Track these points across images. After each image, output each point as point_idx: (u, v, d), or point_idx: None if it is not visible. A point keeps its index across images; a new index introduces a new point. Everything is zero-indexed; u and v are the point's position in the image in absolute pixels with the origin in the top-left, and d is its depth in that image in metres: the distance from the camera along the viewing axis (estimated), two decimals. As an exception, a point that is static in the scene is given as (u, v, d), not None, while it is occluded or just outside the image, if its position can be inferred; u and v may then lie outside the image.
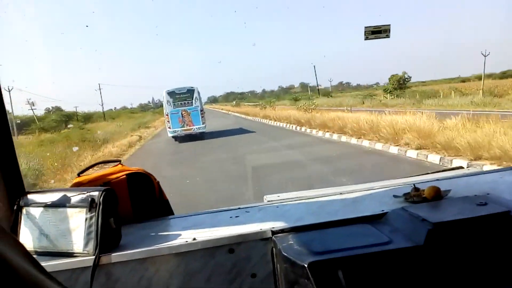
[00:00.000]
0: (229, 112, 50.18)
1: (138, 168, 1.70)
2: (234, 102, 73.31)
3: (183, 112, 21.77)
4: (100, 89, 49.42)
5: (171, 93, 22.20)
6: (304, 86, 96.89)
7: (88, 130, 29.74)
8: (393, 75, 44.09)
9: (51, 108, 44.29)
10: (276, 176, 9.26)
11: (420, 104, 27.84)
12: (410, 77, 44.45)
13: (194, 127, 21.79)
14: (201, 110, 22.12)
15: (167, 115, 21.91)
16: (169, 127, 21.88)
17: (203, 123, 22.00)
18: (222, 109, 63.34)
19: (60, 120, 39.54)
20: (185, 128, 21.76)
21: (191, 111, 21.83)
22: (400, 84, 42.38)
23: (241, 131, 22.71)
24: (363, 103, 37.26)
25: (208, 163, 12.97)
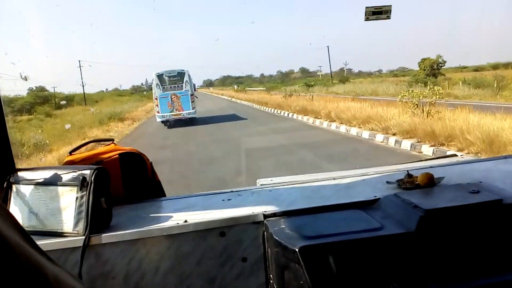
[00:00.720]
0: (234, 99, 43.08)
1: (131, 148, 1.68)
2: (236, 86, 68.46)
3: (172, 96, 21.15)
4: (80, 66, 42.62)
5: (160, 76, 21.56)
6: (304, 71, 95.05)
7: (56, 118, 25.61)
8: (424, 59, 38.31)
9: (34, 88, 39.25)
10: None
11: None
12: (445, 62, 38.61)
13: (183, 112, 21.18)
14: (192, 95, 21.52)
15: (156, 98, 21.30)
16: (158, 112, 21.27)
17: (193, 108, 21.34)
18: (222, 95, 57.70)
19: (34, 102, 35.25)
20: (174, 113, 21.14)
21: (181, 95, 21.22)
22: (433, 70, 36.57)
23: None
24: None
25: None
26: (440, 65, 37.80)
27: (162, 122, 21.26)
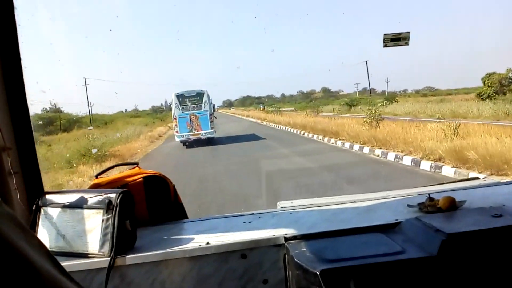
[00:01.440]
0: (267, 123, 33.32)
1: (155, 171, 1.72)
2: (262, 106, 62.48)
3: (191, 116, 21.04)
4: (85, 84, 39.56)
5: (180, 96, 21.44)
6: (326, 90, 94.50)
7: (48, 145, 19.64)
8: (490, 74, 34.43)
9: (48, 109, 35.98)
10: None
11: None
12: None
13: (202, 132, 21.03)
14: (211, 115, 21.35)
15: (175, 118, 21.22)
16: (177, 131, 21.15)
17: (211, 128, 21.18)
18: (247, 116, 51.27)
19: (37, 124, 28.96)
20: (193, 132, 20.99)
21: (200, 115, 21.08)
22: (502, 86, 32.81)
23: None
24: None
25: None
26: (511, 80, 33.94)
27: (181, 142, 21.12)
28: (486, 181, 2.08)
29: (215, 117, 23.25)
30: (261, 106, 61.49)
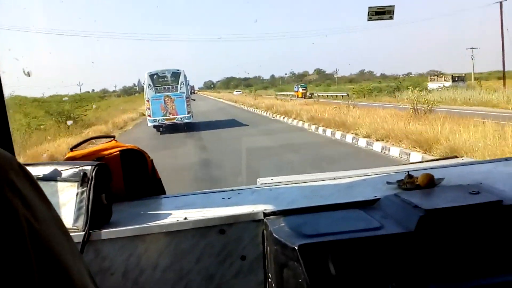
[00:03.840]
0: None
1: (133, 145, 1.68)
2: (300, 87, 44.85)
3: (166, 99, 19.08)
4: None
5: (153, 76, 19.33)
6: (320, 72, 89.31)
7: None
8: None
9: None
10: None
11: None
12: None
13: (178, 116, 19.06)
14: (187, 97, 19.43)
15: (147, 100, 19.13)
16: (149, 115, 19.08)
17: (188, 112, 19.23)
18: (235, 102, 40.22)
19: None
20: (167, 117, 19.03)
21: (176, 98, 19.11)
22: None
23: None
24: None
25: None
26: None
27: (154, 127, 19.40)
28: (464, 160, 2.10)
29: (193, 100, 21.79)
30: (299, 88, 44.84)
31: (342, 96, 36.31)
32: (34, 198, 0.54)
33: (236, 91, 67.58)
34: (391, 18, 2.21)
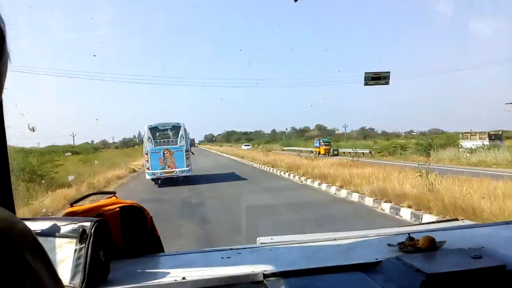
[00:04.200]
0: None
1: (132, 202, 1.68)
2: (322, 142, 41.74)
3: (165, 152, 18.81)
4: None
5: (153, 128, 19.09)
6: (321, 128, 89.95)
7: None
8: None
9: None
10: None
11: None
12: None
13: (177, 169, 18.78)
14: (187, 151, 19.19)
15: (146, 153, 18.84)
16: (148, 168, 18.80)
17: (187, 166, 18.95)
18: (242, 157, 37.49)
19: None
20: (166, 170, 18.72)
21: (175, 151, 18.88)
22: None
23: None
24: None
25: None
26: None
27: (152, 180, 19.01)
28: (465, 223, 2.09)
29: (193, 153, 21.43)
30: (320, 143, 41.29)
31: (363, 153, 36.02)
32: (45, 276, 0.54)
33: (245, 145, 66.15)
34: (386, 83, 2.28)
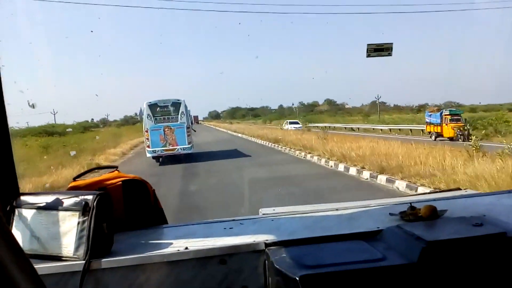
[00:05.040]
0: None
1: (135, 176, 1.69)
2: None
3: (165, 129, 18.36)
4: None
5: (152, 106, 18.64)
6: (331, 103, 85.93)
7: None
8: None
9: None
10: None
11: None
12: None
13: (178, 147, 18.37)
14: (188, 127, 18.68)
15: (146, 131, 18.39)
16: (148, 146, 18.32)
17: (189, 143, 18.54)
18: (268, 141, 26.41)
19: None
20: (167, 147, 18.30)
21: (176, 128, 18.40)
22: None
23: None
24: None
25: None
26: None
27: (153, 158, 18.69)
28: (468, 192, 2.09)
29: (194, 130, 21.08)
30: (442, 117, 25.74)
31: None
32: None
33: (291, 123, 44.80)
34: (389, 54, 2.25)
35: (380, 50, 2.26)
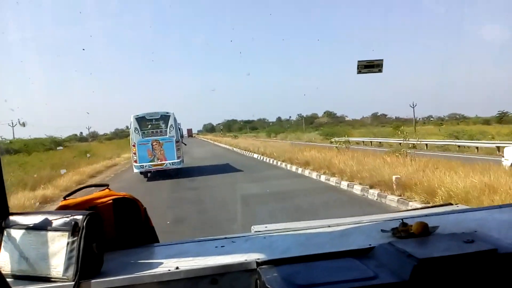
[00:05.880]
0: None
1: (126, 193, 1.68)
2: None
3: (154, 143, 17.76)
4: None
5: (140, 119, 17.97)
6: (331, 115, 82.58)
7: None
8: None
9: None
10: None
11: None
12: None
13: (167, 162, 17.74)
14: (177, 142, 18.02)
15: (133, 145, 17.73)
16: (135, 161, 17.70)
17: (178, 157, 17.92)
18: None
19: None
20: (155, 162, 17.71)
21: (164, 142, 17.80)
22: None
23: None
24: None
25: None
26: None
27: (141, 173, 18.12)
28: (459, 207, 2.10)
29: (184, 144, 20.30)
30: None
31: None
32: None
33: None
34: (380, 71, 2.27)
35: (370, 66, 2.28)
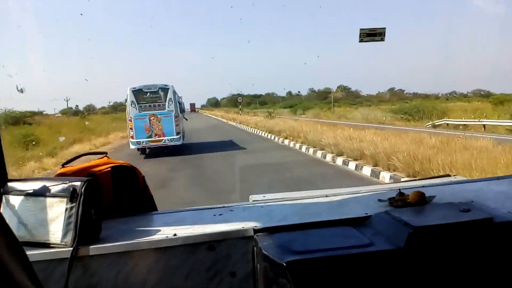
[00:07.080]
0: None
1: (124, 162, 1.68)
2: None
3: (151, 118, 16.62)
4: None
5: (137, 92, 16.74)
6: (345, 89, 75.88)
7: None
8: None
9: None
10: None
11: None
12: None
13: (165, 138, 16.67)
14: (176, 116, 16.83)
15: (130, 120, 16.56)
16: (132, 137, 16.58)
17: (177, 133, 16.77)
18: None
19: None
20: (153, 138, 16.65)
21: (163, 117, 16.67)
22: None
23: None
24: None
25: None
26: None
27: (138, 149, 17.01)
28: (457, 178, 2.10)
29: (186, 119, 19.19)
30: None
31: None
32: None
33: None
34: (382, 39, 2.23)
35: (373, 35, 2.24)
